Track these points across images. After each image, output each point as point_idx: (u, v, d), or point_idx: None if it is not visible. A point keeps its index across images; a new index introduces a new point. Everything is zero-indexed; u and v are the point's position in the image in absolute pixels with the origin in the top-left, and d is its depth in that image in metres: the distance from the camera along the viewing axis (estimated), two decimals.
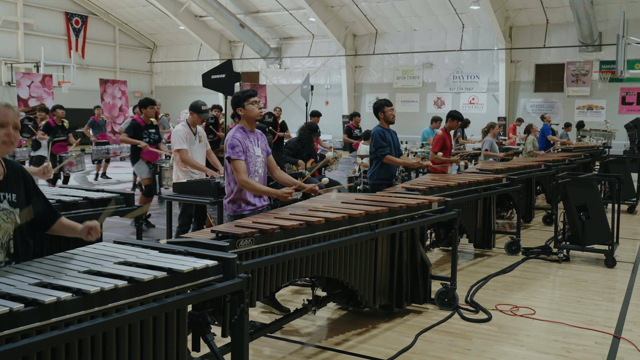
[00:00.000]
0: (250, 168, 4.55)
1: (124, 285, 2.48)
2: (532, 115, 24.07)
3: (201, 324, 3.25)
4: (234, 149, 4.45)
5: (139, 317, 2.54)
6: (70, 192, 4.53)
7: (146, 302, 2.63)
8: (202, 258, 2.95)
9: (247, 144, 4.54)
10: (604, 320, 5.07)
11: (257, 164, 4.61)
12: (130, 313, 2.46)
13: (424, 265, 5.12)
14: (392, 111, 6.60)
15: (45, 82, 20.65)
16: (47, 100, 20.36)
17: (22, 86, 19.78)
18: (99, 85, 29.24)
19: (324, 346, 4.41)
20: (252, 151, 4.57)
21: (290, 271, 3.77)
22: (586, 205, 6.96)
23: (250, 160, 4.55)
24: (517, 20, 23.49)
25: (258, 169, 4.62)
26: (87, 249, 3.05)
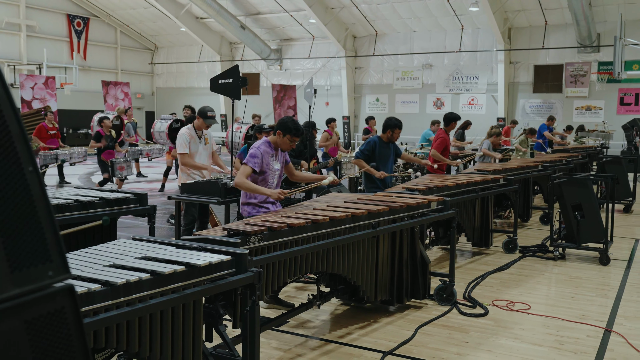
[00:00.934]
0: (269, 180, 4.87)
1: (147, 277, 2.70)
2: (531, 116, 24.31)
3: (214, 316, 3.45)
4: (253, 158, 4.76)
5: (160, 308, 2.76)
6: (87, 192, 4.74)
7: (165, 294, 2.86)
8: (216, 253, 3.17)
9: (269, 160, 4.84)
10: (596, 315, 5.28)
11: (275, 177, 4.93)
12: (153, 303, 2.67)
13: (423, 263, 5.33)
14: (399, 134, 6.81)
15: (48, 83, 20.87)
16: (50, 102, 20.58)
17: (25, 88, 19.98)
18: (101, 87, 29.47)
19: (327, 339, 4.61)
20: (272, 165, 4.88)
21: (297, 267, 3.99)
22: (581, 204, 7.17)
23: (269, 173, 4.87)
24: (516, 22, 23.70)
25: (274, 181, 4.94)
26: (109, 246, 3.26)
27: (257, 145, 4.82)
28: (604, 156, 12.31)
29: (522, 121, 24.68)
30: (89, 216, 4.35)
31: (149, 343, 2.80)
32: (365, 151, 6.74)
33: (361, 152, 6.76)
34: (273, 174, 4.90)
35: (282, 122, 4.82)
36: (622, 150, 18.42)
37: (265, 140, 4.89)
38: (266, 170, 4.82)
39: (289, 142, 4.84)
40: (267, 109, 27.60)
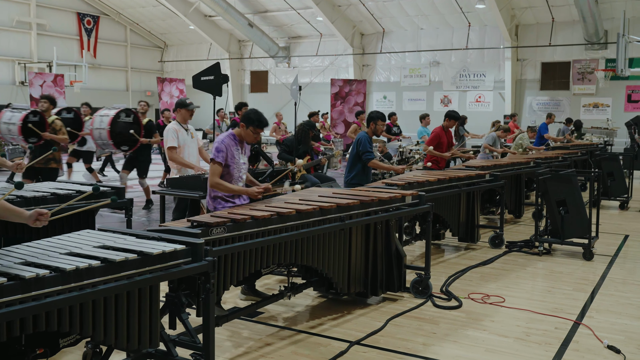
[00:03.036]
0: (235, 174, 4.86)
1: (97, 265, 2.83)
2: (539, 113, 24.21)
3: (177, 304, 3.59)
4: (218, 153, 4.75)
5: (109, 293, 2.89)
6: (65, 186, 4.89)
7: (120, 280, 3.00)
8: (173, 243, 3.30)
9: (234, 152, 4.83)
10: (568, 308, 5.35)
11: (242, 170, 4.93)
12: (102, 289, 2.81)
13: (398, 256, 5.43)
14: (383, 126, 6.88)
15: (57, 81, 21.13)
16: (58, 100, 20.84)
17: (34, 86, 20.27)
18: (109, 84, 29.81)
19: (299, 329, 4.74)
20: (238, 158, 4.87)
21: (262, 258, 4.11)
22: (565, 200, 7.23)
23: (235, 167, 4.85)
24: (523, 19, 23.64)
25: (242, 174, 4.95)
26: (72, 235, 3.40)
27: (220, 139, 4.82)
28: (601, 153, 12.31)
29: (529, 118, 24.65)
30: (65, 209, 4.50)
31: (103, 327, 2.94)
32: (372, 149, 6.85)
33: (370, 153, 6.83)
34: (238, 168, 4.90)
35: (245, 115, 4.85)
36: (625, 147, 18.34)
37: (230, 133, 4.90)
38: (230, 163, 4.81)
39: (253, 134, 4.84)
40: (275, 107, 27.75)
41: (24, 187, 4.85)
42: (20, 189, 3.61)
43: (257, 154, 6.40)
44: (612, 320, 5.04)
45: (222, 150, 4.77)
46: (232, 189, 4.78)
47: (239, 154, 4.90)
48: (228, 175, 4.85)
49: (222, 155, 4.77)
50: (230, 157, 4.81)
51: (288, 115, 24.57)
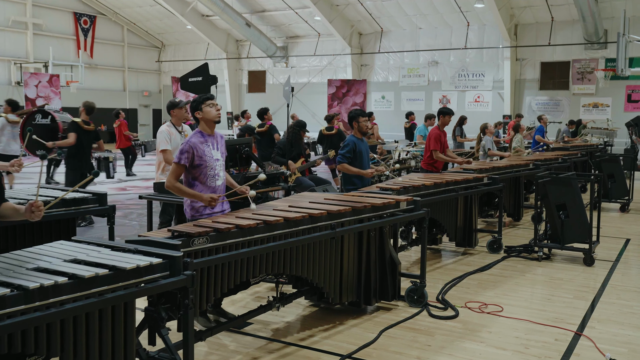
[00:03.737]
0: (209, 172, 4.51)
1: (65, 281, 2.64)
2: (538, 113, 23.97)
3: (156, 319, 3.40)
4: (182, 154, 4.42)
5: (80, 311, 2.70)
6: (45, 192, 4.70)
7: (92, 297, 2.81)
8: (150, 256, 3.11)
9: (203, 149, 4.48)
10: (569, 317, 5.16)
11: (217, 167, 4.57)
12: (69, 307, 2.61)
13: (392, 264, 5.24)
14: (366, 122, 6.60)
15: (52, 81, 20.93)
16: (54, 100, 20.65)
17: (29, 86, 20.08)
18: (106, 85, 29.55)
19: (288, 342, 4.55)
20: (210, 155, 4.51)
21: (249, 268, 3.92)
22: (565, 204, 7.04)
23: (208, 164, 4.48)
24: (522, 18, 23.45)
25: (218, 172, 4.56)
26: (44, 247, 3.21)
27: (186, 139, 4.52)
28: (601, 154, 12.12)
29: (528, 118, 24.47)
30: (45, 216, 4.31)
31: (73, 347, 2.75)
32: (347, 154, 6.56)
33: (342, 156, 6.56)
34: (212, 165, 4.50)
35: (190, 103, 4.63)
36: (625, 148, 18.15)
37: (196, 131, 4.57)
38: (200, 162, 4.47)
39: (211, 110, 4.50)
40: (273, 107, 27.52)
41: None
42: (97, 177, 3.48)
43: (248, 157, 6.21)
44: (614, 331, 4.86)
45: (187, 152, 4.41)
46: (187, 192, 4.42)
47: (210, 150, 4.52)
48: (201, 176, 4.49)
49: (187, 157, 4.41)
50: (199, 156, 4.44)
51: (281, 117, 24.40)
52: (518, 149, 11.25)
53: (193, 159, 4.43)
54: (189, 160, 4.44)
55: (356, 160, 6.52)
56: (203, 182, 4.50)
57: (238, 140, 6.21)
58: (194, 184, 4.52)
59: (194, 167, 4.46)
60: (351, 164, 6.50)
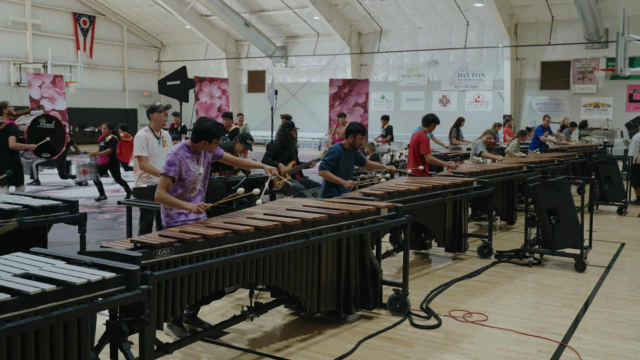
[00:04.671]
0: (189, 186, 4.57)
1: (7, 298, 2.53)
2: (538, 113, 23.82)
3: (117, 333, 3.29)
4: (170, 167, 4.44)
5: (25, 329, 2.58)
6: (10, 198, 4.59)
7: (42, 313, 2.69)
8: (106, 269, 3.00)
9: (189, 163, 4.53)
10: (555, 327, 5.03)
11: (197, 181, 4.63)
12: (10, 326, 2.50)
13: (374, 271, 5.12)
14: (362, 140, 6.56)
15: (56, 82, 20.70)
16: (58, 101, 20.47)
17: (33, 87, 19.89)
18: (106, 85, 29.41)
19: (263, 352, 4.43)
20: (194, 170, 4.57)
21: (218, 279, 3.80)
22: (556, 208, 6.90)
23: (190, 179, 4.55)
24: (522, 17, 23.27)
25: (197, 186, 4.64)
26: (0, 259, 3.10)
27: (173, 151, 4.54)
28: (598, 156, 11.96)
29: (528, 118, 24.31)
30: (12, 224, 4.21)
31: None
32: (330, 162, 6.49)
33: (326, 162, 6.51)
34: (194, 179, 4.60)
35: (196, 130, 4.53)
36: (625, 148, 17.96)
37: (184, 144, 4.60)
38: (185, 176, 4.52)
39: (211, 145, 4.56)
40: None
41: None
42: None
43: None
44: (600, 342, 4.72)
45: (175, 164, 4.46)
46: (175, 203, 4.45)
47: (194, 165, 4.59)
48: (183, 188, 4.55)
49: (175, 170, 4.45)
50: (185, 170, 4.51)
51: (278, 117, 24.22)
52: (511, 153, 11.10)
53: (181, 172, 4.49)
54: (177, 173, 4.49)
55: (337, 169, 6.47)
56: (182, 194, 4.56)
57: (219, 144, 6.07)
58: (173, 194, 4.56)
59: (179, 180, 4.52)
60: (333, 172, 6.43)
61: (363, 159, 6.83)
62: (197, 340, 4.35)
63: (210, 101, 21.29)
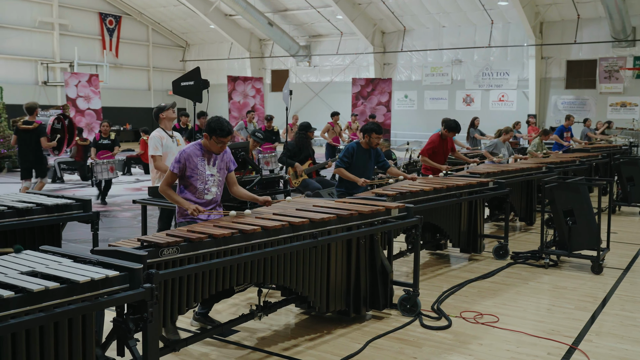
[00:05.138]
0: (199, 186, 4.59)
1: (10, 295, 2.60)
2: (564, 112, 23.49)
3: (124, 330, 3.35)
4: (176, 163, 4.54)
5: (33, 324, 2.65)
6: (26, 197, 4.70)
7: (47, 310, 2.77)
8: (111, 268, 3.06)
9: (197, 162, 4.57)
10: (566, 329, 4.98)
11: (209, 182, 4.63)
12: (13, 322, 2.57)
13: (384, 272, 5.13)
14: (378, 140, 6.60)
15: (91, 81, 21.00)
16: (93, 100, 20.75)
17: (69, 85, 20.20)
18: (131, 84, 29.84)
19: (271, 351, 4.47)
20: (203, 170, 4.59)
21: (225, 278, 3.84)
22: (572, 210, 6.83)
23: (199, 179, 4.58)
24: (548, 16, 23.01)
25: (210, 187, 4.64)
26: (6, 258, 3.18)
27: (184, 148, 4.64)
28: (621, 156, 11.78)
29: (554, 118, 24.02)
30: (25, 223, 4.31)
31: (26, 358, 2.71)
32: (345, 159, 6.59)
33: (341, 160, 6.65)
34: (203, 179, 4.60)
35: (207, 124, 4.57)
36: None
37: (197, 143, 4.65)
38: (192, 174, 4.57)
39: (217, 144, 4.57)
40: (296, 106, 27.54)
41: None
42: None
43: (244, 161, 6.15)
44: (611, 345, 4.67)
45: (180, 162, 4.55)
46: (174, 198, 4.55)
47: (205, 165, 4.62)
48: (191, 187, 4.62)
49: (179, 167, 4.55)
50: (191, 168, 4.56)
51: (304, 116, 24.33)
52: (533, 153, 10.99)
53: (185, 169, 4.55)
54: (181, 170, 4.58)
55: (352, 167, 6.51)
56: (192, 193, 4.63)
57: (234, 144, 6.15)
58: (184, 192, 4.66)
59: (185, 177, 4.59)
60: (348, 169, 6.48)
61: (386, 164, 6.86)
62: (205, 339, 4.41)
63: (244, 100, 21.09)
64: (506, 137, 9.92)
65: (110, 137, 11.88)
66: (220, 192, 4.78)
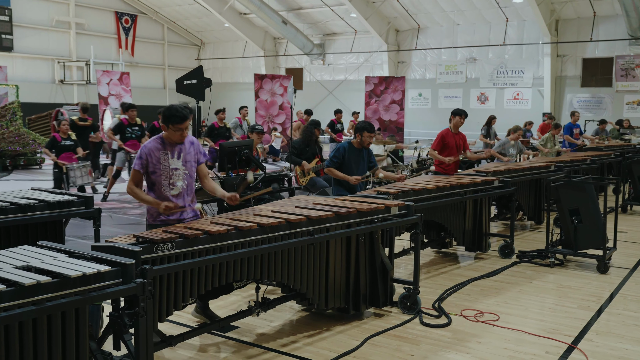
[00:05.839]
0: (163, 180, 4.37)
1: (2, 289, 2.65)
2: (580, 111, 23.25)
3: (119, 325, 3.40)
4: (137, 160, 4.37)
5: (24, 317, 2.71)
6: (28, 194, 4.77)
7: (39, 304, 2.82)
8: (104, 263, 3.11)
9: (159, 155, 4.36)
10: (567, 328, 4.96)
11: (174, 176, 4.41)
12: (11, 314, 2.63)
13: (384, 269, 5.14)
14: (370, 139, 6.57)
15: (122, 79, 21.17)
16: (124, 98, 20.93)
17: (102, 84, 20.40)
18: (147, 82, 30.02)
19: (269, 347, 4.50)
20: (167, 164, 4.38)
21: (221, 275, 3.88)
22: (578, 209, 6.79)
23: (163, 173, 4.37)
24: (563, 13, 22.81)
25: (176, 181, 4.42)
26: (4, 252, 3.25)
27: (144, 144, 4.44)
28: (632, 155, 11.66)
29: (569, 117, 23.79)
30: (27, 219, 4.38)
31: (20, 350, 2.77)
32: (335, 159, 6.59)
33: (330, 160, 6.64)
34: (167, 174, 4.37)
35: (162, 114, 4.41)
36: None
37: (157, 137, 4.47)
38: (155, 169, 4.33)
39: (176, 132, 4.32)
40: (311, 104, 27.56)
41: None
42: None
43: (247, 159, 6.19)
44: (611, 345, 4.64)
45: (142, 158, 4.35)
46: (142, 198, 4.35)
47: (168, 159, 4.40)
48: (156, 183, 4.40)
49: (141, 163, 4.34)
50: (153, 163, 4.35)
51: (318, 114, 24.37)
52: (540, 148, 10.92)
53: (147, 165, 4.36)
54: (143, 167, 4.38)
55: (343, 167, 6.54)
56: (157, 190, 4.41)
57: (237, 142, 6.19)
58: (149, 193, 4.45)
59: (149, 173, 4.39)
60: (339, 169, 6.50)
61: (375, 165, 6.84)
62: (203, 333, 4.45)
63: (272, 99, 20.55)
64: (514, 136, 9.87)
65: (72, 138, 10.53)
66: (189, 186, 4.52)
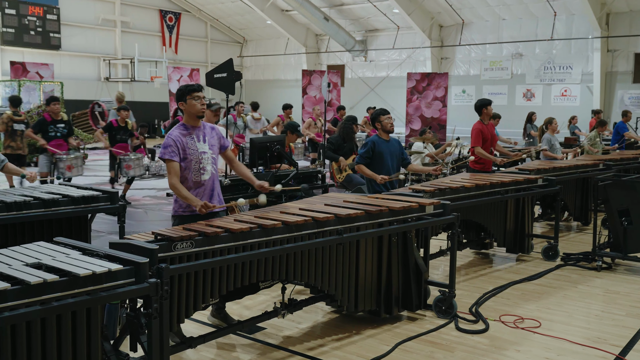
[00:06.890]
0: (193, 166, 4.28)
1: (6, 287, 2.54)
2: (631, 108, 22.39)
3: (135, 325, 3.28)
4: (166, 149, 4.23)
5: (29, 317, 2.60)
6: (53, 189, 4.71)
7: (47, 303, 2.71)
8: (118, 261, 2.98)
9: (187, 141, 4.27)
10: (614, 338, 4.65)
11: (203, 160, 4.32)
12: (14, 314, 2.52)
13: (418, 271, 4.91)
14: (390, 120, 6.27)
15: (192, 76, 21.35)
16: None
17: (172, 80, 20.64)
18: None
19: (295, 350, 4.33)
20: (195, 148, 4.29)
21: (244, 275, 3.73)
22: (629, 209, 6.41)
23: (193, 158, 4.27)
24: (615, 7, 21.97)
25: (205, 165, 4.33)
26: (17, 248, 3.15)
27: (168, 133, 4.32)
28: None
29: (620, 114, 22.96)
30: (51, 214, 4.31)
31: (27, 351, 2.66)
32: (364, 155, 6.25)
33: (360, 157, 6.30)
34: (198, 158, 4.28)
35: (175, 95, 4.31)
36: None
37: (179, 124, 4.36)
38: (185, 155, 4.23)
39: (195, 102, 4.24)
40: (352, 101, 27.37)
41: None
42: None
43: (279, 155, 6.03)
44: None
45: (170, 145, 4.21)
46: (183, 195, 4.21)
47: (194, 142, 4.30)
48: (186, 170, 4.28)
49: (171, 151, 4.21)
50: (182, 148, 4.24)
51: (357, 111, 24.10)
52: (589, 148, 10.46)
53: (178, 152, 4.24)
54: (177, 154, 4.25)
55: (375, 161, 6.23)
56: (187, 177, 4.30)
57: (268, 137, 6.04)
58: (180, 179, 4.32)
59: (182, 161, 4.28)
60: (369, 165, 6.19)
61: (407, 160, 6.56)
62: (228, 334, 4.31)
63: (320, 95, 20.09)
64: (552, 127, 9.50)
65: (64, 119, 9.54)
66: (216, 171, 4.46)
